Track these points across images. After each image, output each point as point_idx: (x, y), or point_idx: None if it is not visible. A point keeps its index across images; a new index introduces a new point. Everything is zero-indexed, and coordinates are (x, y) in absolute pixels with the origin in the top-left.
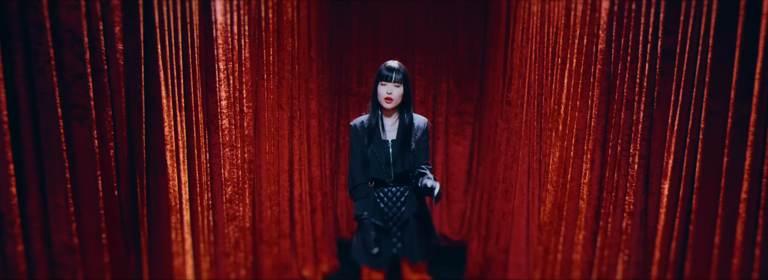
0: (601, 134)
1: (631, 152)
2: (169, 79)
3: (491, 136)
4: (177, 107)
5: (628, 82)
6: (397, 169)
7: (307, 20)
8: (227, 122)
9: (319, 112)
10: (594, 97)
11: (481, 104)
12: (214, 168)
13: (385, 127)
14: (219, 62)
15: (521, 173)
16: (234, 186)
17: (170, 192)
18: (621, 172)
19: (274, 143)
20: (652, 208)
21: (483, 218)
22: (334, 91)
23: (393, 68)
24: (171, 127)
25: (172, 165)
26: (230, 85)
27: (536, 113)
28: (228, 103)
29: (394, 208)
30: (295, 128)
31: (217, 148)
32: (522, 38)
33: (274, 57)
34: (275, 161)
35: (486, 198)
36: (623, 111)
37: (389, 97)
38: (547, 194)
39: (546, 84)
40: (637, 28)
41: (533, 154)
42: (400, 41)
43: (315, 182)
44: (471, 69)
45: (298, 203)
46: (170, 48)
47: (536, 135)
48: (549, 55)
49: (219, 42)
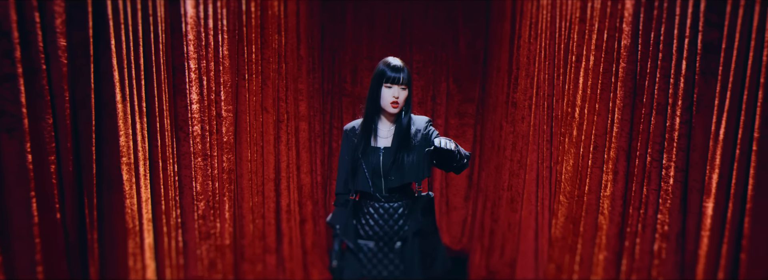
0: (626, 142)
1: (665, 163)
2: (125, 80)
3: (495, 140)
4: (137, 113)
5: (659, 82)
6: (392, 182)
7: (295, 15)
8: (200, 128)
9: (310, 114)
10: (616, 99)
11: (484, 105)
12: (184, 181)
13: (380, 133)
14: (189, 61)
15: (529, 181)
16: (208, 200)
17: (127, 212)
18: (651, 186)
19: (257, 150)
20: (691, 229)
21: (486, 228)
22: (326, 91)
23: (399, 68)
24: (128, 137)
25: (129, 180)
26: (204, 86)
27: (546, 116)
28: (201, 107)
29: (386, 226)
30: (282, 133)
31: (188, 158)
32: (530, 34)
33: (258, 55)
34: (259, 170)
35: (489, 206)
36: (654, 116)
37: (396, 102)
38: (560, 206)
39: (558, 84)
40: (671, 21)
41: (543, 161)
42: (397, 38)
43: (305, 189)
44: (472, 68)
45: (286, 214)
46: (128, 44)
47: (546, 140)
48: (561, 53)
49: (189, 37)
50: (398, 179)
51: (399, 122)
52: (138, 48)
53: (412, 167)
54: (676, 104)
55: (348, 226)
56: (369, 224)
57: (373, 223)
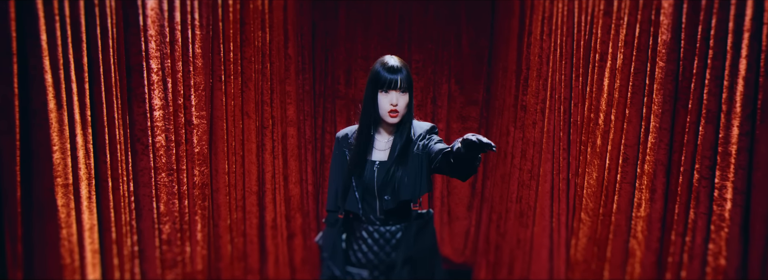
0: (665, 155)
1: (718, 182)
2: (62, 83)
3: (501, 147)
4: (78, 123)
5: (709, 85)
6: (388, 203)
7: (282, 10)
8: (164, 139)
9: (299, 118)
10: (653, 104)
11: (488, 108)
12: (143, 201)
13: (377, 144)
14: (150, 60)
15: (542, 193)
16: (175, 222)
17: (63, 245)
18: (700, 209)
19: (237, 160)
20: (756, 263)
21: (492, 243)
22: (318, 93)
23: (396, 68)
24: (65, 152)
25: (66, 206)
26: (169, 89)
27: (563, 122)
28: (165, 114)
29: (381, 253)
30: (267, 140)
31: (147, 174)
32: (542, 30)
33: (237, 54)
34: (239, 182)
35: (495, 219)
36: (702, 125)
37: (395, 110)
38: (581, 225)
39: (576, 86)
40: (725, 11)
41: (559, 172)
42: (395, 36)
43: (293, 201)
44: (476, 68)
45: (272, 230)
46: (65, 40)
47: (563, 149)
48: (581, 51)
49: (150, 33)
50: (393, 199)
51: (399, 133)
52: (80, 45)
53: (409, 182)
54: (732, 112)
55: (336, 250)
56: (362, 250)
57: (366, 249)
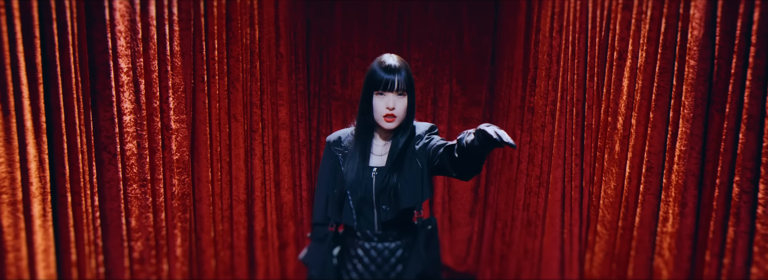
0: (697, 165)
1: (763, 197)
2: (9, 85)
3: (506, 150)
4: (30, 131)
5: (750, 87)
6: (385, 214)
7: (273, 6)
8: (135, 146)
9: (292, 121)
10: (683, 107)
11: (492, 110)
12: (110, 217)
13: (373, 149)
14: (119, 59)
15: (552, 202)
16: (149, 238)
17: (10, 272)
18: (741, 227)
19: (223, 167)
20: None
21: (497, 252)
22: (312, 94)
23: (393, 68)
24: (12, 164)
25: (13, 226)
26: (142, 91)
27: (575, 125)
28: (137, 119)
29: (379, 273)
30: (257, 144)
31: (115, 186)
32: (552, 27)
33: (223, 52)
34: (226, 191)
35: (501, 227)
36: (743, 132)
37: (391, 115)
38: (597, 238)
39: (591, 87)
40: None
41: (571, 179)
42: (394, 34)
43: (286, 209)
44: (479, 67)
45: (262, 241)
46: (12, 36)
47: (575, 154)
48: (596, 48)
49: (119, 28)
50: (393, 209)
51: (398, 137)
52: (32, 41)
53: (408, 188)
54: None
55: (327, 268)
56: (357, 270)
57: (362, 268)
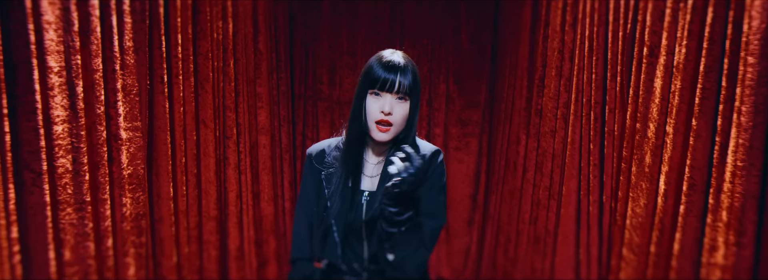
0: (757, 185)
1: None
2: None
3: (510, 157)
4: None
5: None
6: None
7: None
8: (70, 161)
9: (273, 124)
10: (739, 115)
11: (492, 112)
12: (34, 250)
13: (366, 168)
14: (46, 56)
15: (566, 218)
16: (88, 271)
17: None
18: None
19: (189, 180)
20: None
21: (499, 269)
22: (297, 95)
23: (396, 65)
24: None
25: None
26: (78, 95)
27: (593, 131)
28: (73, 128)
29: None
30: (230, 152)
31: (40, 212)
32: (564, 20)
33: (188, 48)
34: (193, 207)
35: (503, 242)
36: None
37: (386, 121)
38: (622, 264)
39: (613, 88)
40: None
41: (588, 193)
42: (386, 30)
43: (266, 223)
44: (478, 65)
45: (237, 261)
46: None
47: (594, 164)
48: (619, 43)
49: (47, 18)
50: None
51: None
52: None
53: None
54: None
55: None
56: None
57: None
